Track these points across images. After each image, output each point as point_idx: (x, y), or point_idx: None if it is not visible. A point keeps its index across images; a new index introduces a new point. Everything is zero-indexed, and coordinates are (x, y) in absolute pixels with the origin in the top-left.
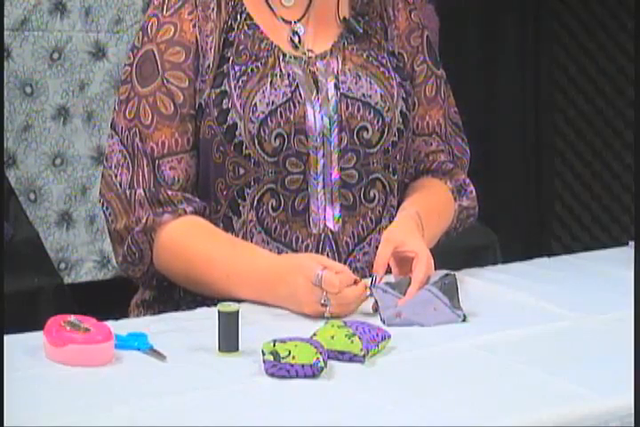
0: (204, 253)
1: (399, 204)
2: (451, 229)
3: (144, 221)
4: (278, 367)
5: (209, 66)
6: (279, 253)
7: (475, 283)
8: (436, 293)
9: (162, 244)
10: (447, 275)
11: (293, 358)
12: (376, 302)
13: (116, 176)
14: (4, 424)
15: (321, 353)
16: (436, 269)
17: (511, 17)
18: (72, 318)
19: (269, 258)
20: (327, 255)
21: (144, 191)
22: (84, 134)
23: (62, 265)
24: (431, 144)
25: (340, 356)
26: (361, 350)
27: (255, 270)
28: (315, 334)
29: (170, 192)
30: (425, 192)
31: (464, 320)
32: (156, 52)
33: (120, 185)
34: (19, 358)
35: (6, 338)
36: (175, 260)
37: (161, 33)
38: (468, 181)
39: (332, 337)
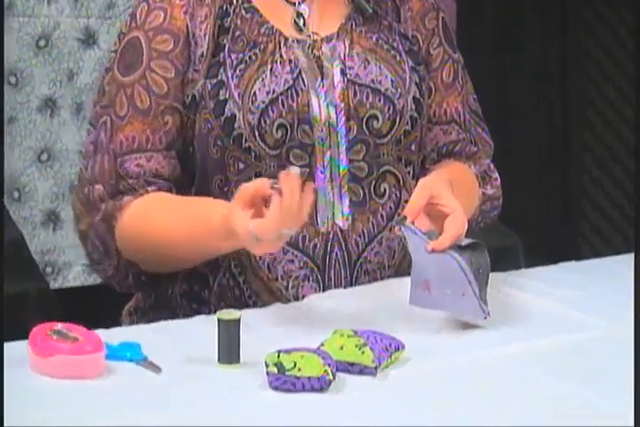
0: (160, 220)
1: None
2: (473, 219)
3: (103, 208)
4: (283, 380)
5: (202, 54)
6: (284, 254)
7: (495, 289)
8: (469, 276)
9: (122, 224)
10: (476, 244)
11: (299, 370)
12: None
13: (83, 170)
14: None
15: (329, 365)
16: None
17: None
18: (59, 326)
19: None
20: (336, 256)
21: (103, 186)
22: (72, 128)
23: (49, 269)
24: (450, 133)
25: (350, 368)
26: (372, 361)
27: (212, 220)
28: (322, 344)
29: (131, 181)
30: (450, 169)
31: (486, 318)
32: (142, 40)
33: (83, 182)
34: None
35: None
36: (136, 235)
37: (150, 19)
38: (492, 167)
39: (342, 347)
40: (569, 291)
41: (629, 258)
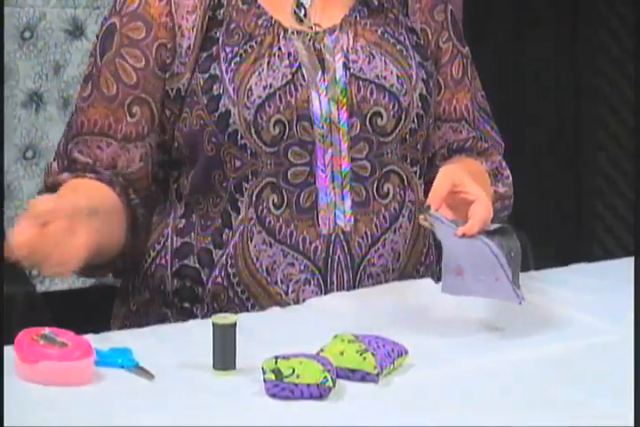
0: None
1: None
2: None
3: (49, 180)
4: (281, 387)
5: (189, 47)
6: (284, 256)
7: None
8: (501, 261)
9: None
10: (504, 228)
11: (298, 376)
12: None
13: None
14: None
15: (329, 371)
16: None
17: None
18: (46, 331)
19: None
20: (338, 259)
21: (57, 165)
22: (59, 123)
23: (35, 271)
24: (460, 132)
25: (351, 374)
26: (374, 367)
27: None
28: (322, 350)
29: (79, 166)
30: (465, 164)
31: (521, 303)
32: (117, 25)
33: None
34: None
35: None
36: None
37: (127, 4)
38: (504, 164)
39: (342, 353)
40: (580, 294)
41: None
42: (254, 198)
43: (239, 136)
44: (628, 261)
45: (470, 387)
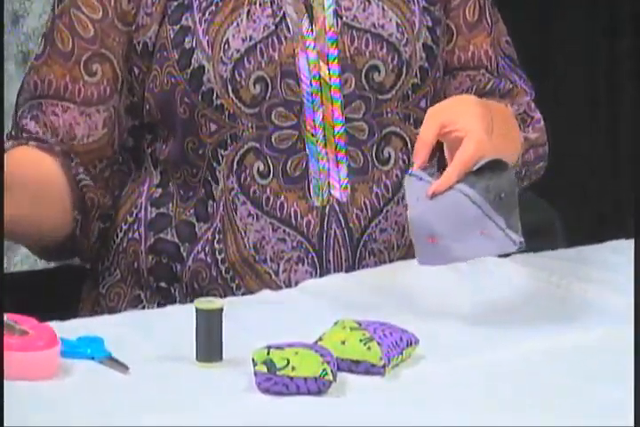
0: None
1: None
2: (515, 173)
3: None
4: (274, 382)
5: None
6: (274, 231)
7: (523, 273)
8: (485, 209)
9: None
10: (496, 162)
11: (293, 369)
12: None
13: None
14: None
15: (328, 363)
16: None
17: None
18: (5, 317)
19: None
20: (335, 234)
21: (10, 131)
22: (18, 82)
23: None
24: (480, 81)
25: (354, 366)
26: (380, 358)
27: None
28: (321, 339)
29: (27, 134)
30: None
31: (521, 248)
32: None
33: None
34: None
35: None
36: None
37: None
38: (533, 106)
39: (344, 342)
40: (614, 276)
41: None
42: (235, 166)
43: (215, 95)
44: None
45: (489, 381)
